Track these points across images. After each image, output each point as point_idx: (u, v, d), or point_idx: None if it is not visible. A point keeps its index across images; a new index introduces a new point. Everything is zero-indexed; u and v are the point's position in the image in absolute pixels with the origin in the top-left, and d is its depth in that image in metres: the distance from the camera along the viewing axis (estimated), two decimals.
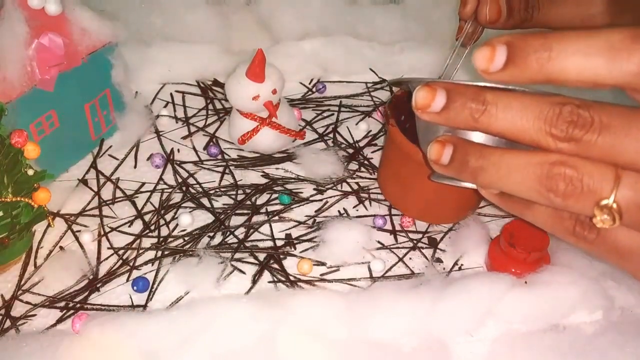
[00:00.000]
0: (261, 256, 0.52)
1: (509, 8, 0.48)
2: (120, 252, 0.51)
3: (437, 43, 0.73)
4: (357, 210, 0.57)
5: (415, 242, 0.55)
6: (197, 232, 0.53)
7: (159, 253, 0.51)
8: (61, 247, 0.51)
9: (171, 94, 0.67)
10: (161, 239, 0.53)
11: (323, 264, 0.52)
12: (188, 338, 0.43)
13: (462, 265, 0.54)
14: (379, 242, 0.55)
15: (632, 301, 0.52)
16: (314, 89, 0.70)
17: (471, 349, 0.48)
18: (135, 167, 0.59)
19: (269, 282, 0.51)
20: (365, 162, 0.62)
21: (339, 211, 0.57)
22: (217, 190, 0.57)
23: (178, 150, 0.61)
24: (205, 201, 0.56)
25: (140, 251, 0.51)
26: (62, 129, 0.54)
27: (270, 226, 0.55)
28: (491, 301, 0.48)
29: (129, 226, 0.54)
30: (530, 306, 0.48)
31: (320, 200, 0.58)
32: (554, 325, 0.49)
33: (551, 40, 0.27)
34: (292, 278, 0.51)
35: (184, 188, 0.57)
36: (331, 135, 0.65)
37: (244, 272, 0.51)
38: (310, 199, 0.58)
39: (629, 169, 0.26)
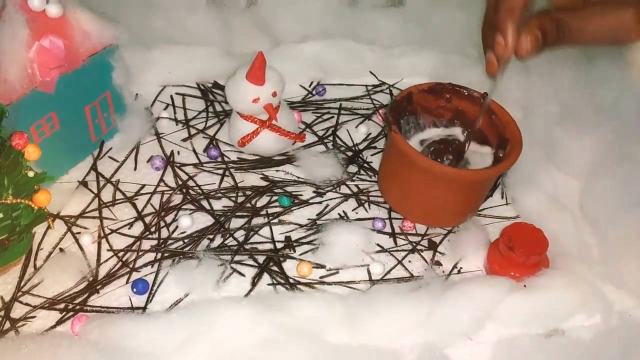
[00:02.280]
0: (261, 259, 0.52)
1: (543, 33, 0.46)
2: (120, 254, 0.51)
3: (437, 47, 0.73)
4: (357, 213, 0.57)
5: (414, 244, 0.55)
6: (197, 234, 0.53)
7: (159, 255, 0.52)
8: (61, 249, 0.51)
9: (171, 97, 0.67)
10: (161, 241, 0.53)
11: (322, 266, 0.52)
12: (187, 340, 0.43)
13: (461, 268, 0.54)
14: (378, 244, 0.55)
15: (631, 305, 0.52)
16: (314, 92, 0.70)
17: (470, 353, 0.48)
18: (135, 169, 0.59)
19: (269, 284, 0.51)
20: (365, 164, 0.62)
21: (338, 214, 0.57)
22: (217, 192, 0.57)
23: (178, 153, 0.61)
24: (205, 203, 0.56)
25: (140, 253, 0.52)
26: (63, 131, 0.54)
27: (270, 228, 0.55)
28: (490, 304, 0.48)
29: (129, 228, 0.54)
30: (529, 310, 0.49)
31: (320, 202, 0.58)
32: (553, 329, 0.49)
33: None
34: (291, 280, 0.51)
35: (184, 190, 0.57)
36: (331, 137, 0.65)
37: (243, 275, 0.51)
38: (310, 201, 0.58)
39: None
